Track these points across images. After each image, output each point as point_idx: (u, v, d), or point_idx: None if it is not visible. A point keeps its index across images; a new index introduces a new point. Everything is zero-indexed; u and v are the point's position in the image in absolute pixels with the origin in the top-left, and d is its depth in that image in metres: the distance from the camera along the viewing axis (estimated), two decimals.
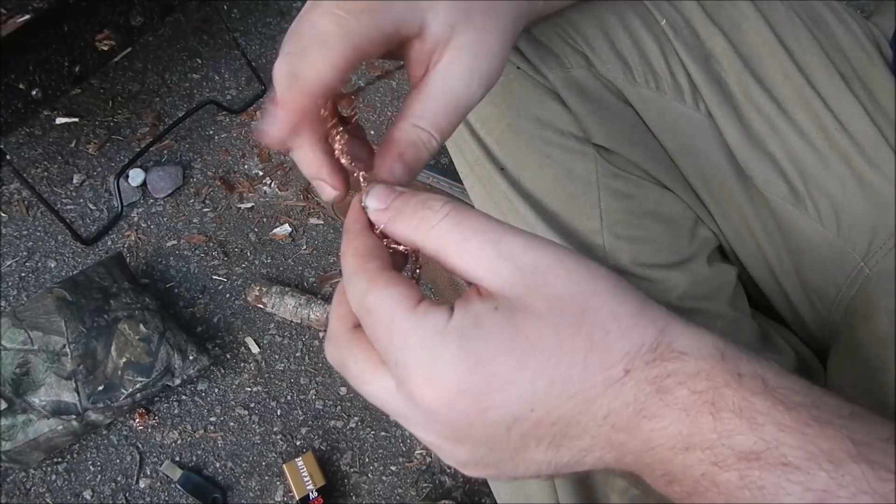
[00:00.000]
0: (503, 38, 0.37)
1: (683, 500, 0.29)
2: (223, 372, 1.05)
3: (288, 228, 1.18)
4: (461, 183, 0.64)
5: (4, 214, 1.15)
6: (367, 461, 1.01)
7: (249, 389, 1.04)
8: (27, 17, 0.80)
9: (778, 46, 0.55)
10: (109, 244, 1.14)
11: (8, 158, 0.98)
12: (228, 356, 1.06)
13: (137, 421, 1.00)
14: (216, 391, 1.04)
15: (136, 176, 1.18)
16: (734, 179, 0.58)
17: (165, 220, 1.18)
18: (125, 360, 0.93)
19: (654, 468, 0.29)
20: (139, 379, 0.93)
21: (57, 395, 0.89)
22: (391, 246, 0.33)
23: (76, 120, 1.25)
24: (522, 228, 0.30)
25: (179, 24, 1.39)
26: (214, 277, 1.13)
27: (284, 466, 0.95)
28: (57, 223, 1.11)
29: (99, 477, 0.97)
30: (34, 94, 0.89)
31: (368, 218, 0.33)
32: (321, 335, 1.09)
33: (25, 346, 0.90)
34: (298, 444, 1.01)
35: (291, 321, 1.09)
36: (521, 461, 0.30)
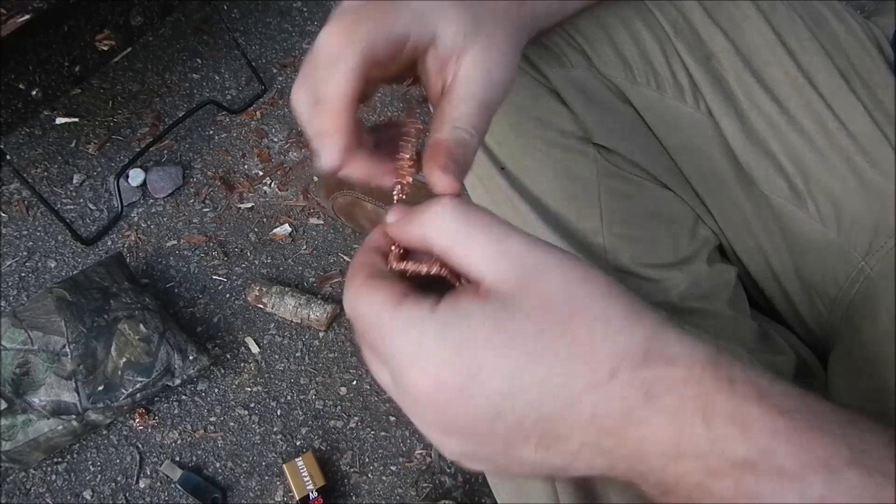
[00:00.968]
0: (512, 43, 0.38)
1: None
2: (223, 372, 1.05)
3: (288, 228, 1.18)
4: None
5: (4, 214, 1.15)
6: (367, 461, 1.01)
7: (249, 389, 1.04)
8: (27, 17, 0.80)
9: (779, 46, 0.55)
10: (109, 244, 1.14)
11: (8, 158, 0.98)
12: (228, 356, 1.06)
13: (137, 421, 0.99)
14: (216, 391, 1.04)
15: (136, 176, 1.18)
16: (735, 179, 0.58)
17: (165, 220, 1.18)
18: (125, 360, 0.93)
19: (647, 477, 0.29)
20: (139, 379, 0.93)
21: (57, 395, 0.89)
22: (413, 272, 0.33)
23: (76, 120, 1.25)
24: (523, 228, 0.31)
25: (179, 24, 1.39)
26: (214, 277, 1.13)
27: (284, 466, 0.95)
28: (57, 223, 1.11)
29: (99, 477, 0.96)
30: (34, 94, 0.89)
31: (382, 247, 0.34)
32: (321, 335, 1.09)
33: (25, 346, 0.90)
34: (298, 444, 1.01)
35: (291, 321, 1.09)
36: (513, 459, 0.30)
